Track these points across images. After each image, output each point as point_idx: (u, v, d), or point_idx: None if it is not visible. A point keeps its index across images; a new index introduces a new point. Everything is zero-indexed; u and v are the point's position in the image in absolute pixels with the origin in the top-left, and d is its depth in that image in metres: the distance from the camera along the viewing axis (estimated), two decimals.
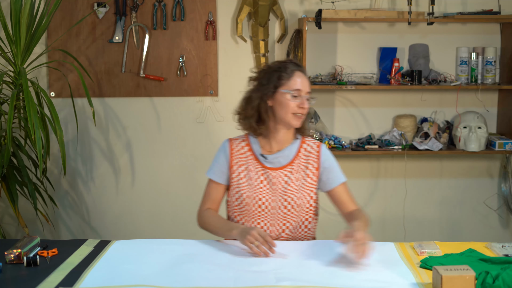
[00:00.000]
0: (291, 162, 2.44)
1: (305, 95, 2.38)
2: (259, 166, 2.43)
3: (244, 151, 2.46)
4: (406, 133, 3.84)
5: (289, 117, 2.38)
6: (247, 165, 2.44)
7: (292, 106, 2.37)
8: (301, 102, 2.37)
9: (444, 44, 3.89)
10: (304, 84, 2.39)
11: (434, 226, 4.06)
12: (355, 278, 2.00)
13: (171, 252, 2.25)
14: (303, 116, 2.40)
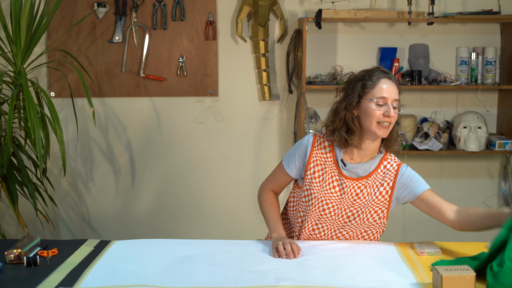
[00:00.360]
0: (368, 176, 2.36)
1: (392, 103, 2.28)
2: (336, 171, 2.36)
3: (326, 151, 2.39)
4: (406, 133, 3.84)
5: (374, 127, 2.29)
6: (324, 166, 2.37)
7: (376, 115, 2.28)
8: (386, 110, 2.27)
9: (444, 44, 3.89)
10: (390, 91, 2.29)
11: (434, 226, 4.04)
12: (355, 278, 2.00)
13: (171, 252, 2.25)
14: (390, 125, 2.30)
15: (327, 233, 2.40)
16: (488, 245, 2.08)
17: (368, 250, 2.27)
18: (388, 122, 2.29)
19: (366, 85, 2.32)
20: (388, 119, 2.28)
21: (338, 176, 2.36)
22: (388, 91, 2.29)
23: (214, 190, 3.96)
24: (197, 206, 3.97)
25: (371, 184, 2.36)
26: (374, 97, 2.29)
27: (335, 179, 2.36)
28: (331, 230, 2.39)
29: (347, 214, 2.36)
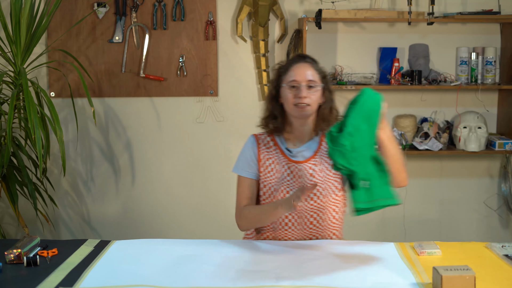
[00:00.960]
0: (314, 155, 2.43)
1: (305, 84, 2.36)
2: (285, 159, 2.43)
3: (270, 145, 2.46)
4: (406, 133, 3.84)
5: (291, 109, 2.38)
6: (273, 158, 2.44)
7: (290, 98, 2.37)
8: (297, 91, 2.35)
9: (444, 44, 3.89)
10: (302, 74, 2.37)
11: (434, 226, 4.06)
12: (355, 278, 2.00)
13: (171, 252, 2.25)
14: (307, 106, 2.36)
15: (300, 222, 2.42)
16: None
17: (368, 250, 2.27)
18: (302, 103, 2.35)
19: (281, 73, 2.42)
20: (300, 99, 2.35)
21: (289, 164, 2.42)
22: (298, 73, 2.37)
23: (214, 190, 3.96)
24: (197, 206, 3.97)
25: (319, 161, 2.42)
26: (286, 82, 2.39)
27: (287, 167, 2.42)
28: (301, 217, 2.41)
29: (310, 196, 2.39)
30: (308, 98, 2.35)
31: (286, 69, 2.42)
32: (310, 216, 2.42)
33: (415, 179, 4.00)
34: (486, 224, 4.06)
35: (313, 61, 2.45)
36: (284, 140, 2.47)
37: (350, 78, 3.78)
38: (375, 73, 3.87)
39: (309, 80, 2.37)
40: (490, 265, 2.12)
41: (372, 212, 2.10)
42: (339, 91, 3.88)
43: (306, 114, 2.38)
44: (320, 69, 2.44)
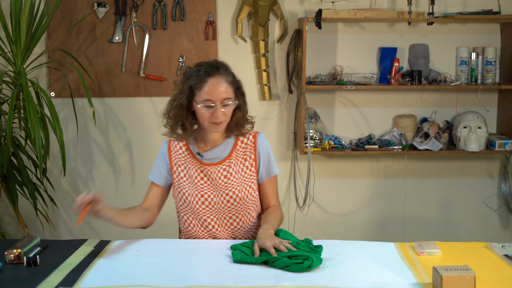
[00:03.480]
0: (229, 156, 2.43)
1: (220, 103, 2.30)
2: (197, 163, 2.42)
3: (182, 150, 2.45)
4: (406, 133, 3.84)
5: (206, 126, 2.35)
6: (186, 164, 2.43)
7: (206, 117, 2.32)
8: (213, 112, 2.31)
9: (444, 44, 3.89)
10: (216, 92, 2.29)
11: (434, 226, 4.06)
12: (355, 278, 2.00)
13: (171, 252, 2.25)
14: (222, 123, 2.34)
15: (220, 224, 2.43)
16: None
17: (368, 250, 2.27)
18: (218, 122, 2.32)
19: (193, 86, 2.33)
20: (217, 119, 2.31)
21: (202, 167, 2.42)
22: (212, 92, 2.29)
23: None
24: None
25: (235, 162, 2.43)
26: (200, 100, 2.31)
27: (200, 171, 2.42)
28: (220, 219, 2.43)
29: (226, 199, 2.40)
30: (223, 116, 2.32)
31: (199, 83, 2.31)
32: (229, 217, 2.44)
33: (415, 179, 4.01)
34: (486, 224, 4.06)
35: (226, 71, 2.36)
36: (195, 143, 2.45)
37: (350, 78, 3.78)
38: (375, 73, 3.87)
39: (224, 98, 2.31)
40: (490, 265, 2.12)
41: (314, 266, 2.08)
42: (339, 91, 3.89)
43: (220, 130, 2.37)
44: (232, 79, 2.36)
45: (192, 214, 2.44)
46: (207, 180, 2.41)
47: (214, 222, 2.43)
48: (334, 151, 3.77)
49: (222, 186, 2.41)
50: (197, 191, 2.41)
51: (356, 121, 3.94)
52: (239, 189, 2.41)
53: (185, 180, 2.43)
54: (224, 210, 2.42)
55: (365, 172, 4.00)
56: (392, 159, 3.97)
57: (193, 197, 2.41)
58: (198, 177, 2.42)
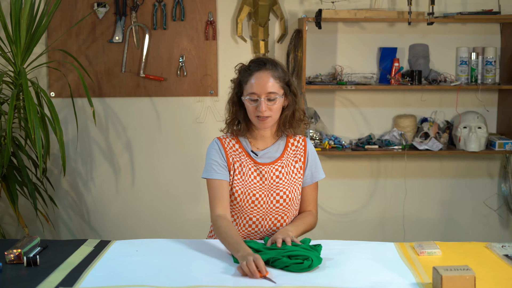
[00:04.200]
0: (281, 157, 2.44)
1: (264, 97, 2.31)
2: (251, 161, 2.42)
3: (236, 147, 2.44)
4: (406, 133, 3.84)
5: (254, 121, 2.37)
6: (241, 161, 2.42)
7: (251, 111, 2.34)
8: (258, 105, 2.32)
9: (444, 44, 3.89)
10: (261, 86, 2.32)
11: (434, 226, 4.06)
12: (355, 278, 2.00)
13: (171, 252, 2.25)
14: (268, 118, 2.34)
15: (264, 224, 2.43)
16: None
17: (368, 250, 2.27)
18: (264, 116, 2.33)
19: (241, 81, 2.39)
20: (262, 113, 2.32)
21: (255, 166, 2.42)
22: (257, 85, 2.32)
23: None
24: (197, 206, 3.97)
25: (286, 163, 2.44)
26: (246, 93, 2.35)
27: (253, 170, 2.41)
28: (266, 220, 2.42)
29: (276, 199, 2.40)
30: (268, 110, 2.33)
31: (246, 77, 2.36)
32: (274, 218, 2.43)
33: (415, 179, 4.01)
34: (486, 224, 4.06)
35: (274, 66, 2.37)
36: (248, 142, 2.45)
37: (350, 78, 3.78)
38: (375, 73, 3.87)
39: (268, 92, 2.32)
40: (490, 265, 2.12)
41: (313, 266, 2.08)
42: (339, 91, 3.89)
43: (267, 126, 2.37)
44: (280, 75, 2.37)
45: (239, 211, 2.42)
46: (260, 179, 2.41)
47: (258, 221, 2.42)
48: (334, 151, 3.77)
49: (273, 186, 2.41)
50: (250, 189, 2.40)
51: (356, 121, 3.94)
52: (289, 190, 2.42)
53: (240, 178, 2.41)
54: (272, 210, 2.41)
55: (365, 172, 4.00)
56: (392, 159, 3.97)
57: (244, 195, 2.40)
58: (252, 175, 2.41)
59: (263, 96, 2.32)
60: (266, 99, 2.32)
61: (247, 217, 2.42)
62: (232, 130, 2.45)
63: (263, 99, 2.32)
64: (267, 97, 2.32)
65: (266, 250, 2.16)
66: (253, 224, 2.42)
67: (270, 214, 2.42)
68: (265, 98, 2.32)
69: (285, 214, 2.44)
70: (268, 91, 2.32)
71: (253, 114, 2.35)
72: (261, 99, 2.32)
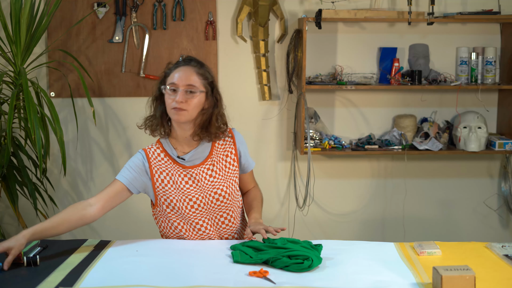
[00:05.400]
0: (210, 155, 2.43)
1: (183, 89, 2.32)
2: (180, 167, 2.41)
3: (161, 157, 2.42)
4: (406, 133, 3.84)
5: (170, 113, 2.35)
6: (168, 170, 2.40)
7: (169, 101, 2.34)
8: (176, 95, 2.32)
9: (444, 44, 3.89)
10: (182, 78, 2.33)
11: (434, 226, 4.06)
12: (355, 278, 2.00)
13: (171, 252, 2.25)
14: (183, 111, 2.32)
15: (213, 224, 2.43)
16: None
17: (368, 250, 2.27)
18: (179, 108, 2.32)
19: (166, 74, 2.41)
20: (178, 104, 2.32)
21: (185, 171, 2.40)
22: (179, 77, 2.34)
23: None
24: None
25: (217, 160, 2.44)
26: (167, 84, 2.36)
27: (183, 175, 2.40)
28: (211, 219, 2.43)
29: (215, 197, 2.40)
30: (185, 103, 2.32)
31: (171, 70, 2.39)
32: (220, 216, 2.44)
33: (415, 179, 4.01)
34: (486, 224, 4.06)
35: (199, 65, 2.39)
36: (173, 148, 2.43)
37: (350, 78, 3.78)
38: (375, 73, 3.87)
39: (188, 84, 2.33)
40: (490, 265, 2.12)
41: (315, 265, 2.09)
42: (339, 91, 3.89)
43: (182, 119, 2.34)
44: (205, 74, 2.38)
45: (183, 219, 2.42)
46: (192, 183, 2.40)
47: (206, 223, 2.42)
48: (334, 151, 3.77)
49: (208, 185, 2.40)
50: (184, 195, 2.39)
51: (356, 121, 3.94)
52: (226, 185, 2.42)
53: (170, 187, 2.39)
54: (214, 209, 2.42)
55: (365, 172, 4.00)
56: (392, 159, 3.97)
57: (181, 203, 2.39)
58: (183, 181, 2.40)
59: (182, 87, 2.33)
60: (185, 90, 2.33)
61: (193, 222, 2.41)
62: (149, 127, 2.43)
63: (181, 89, 2.32)
64: (186, 88, 2.33)
65: (266, 250, 2.16)
66: (201, 227, 2.42)
67: (214, 213, 2.42)
68: (184, 90, 2.33)
69: (229, 209, 2.44)
70: (188, 83, 2.34)
71: (170, 106, 2.34)
72: (179, 90, 2.33)
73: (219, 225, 2.45)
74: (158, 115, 2.41)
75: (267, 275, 2.00)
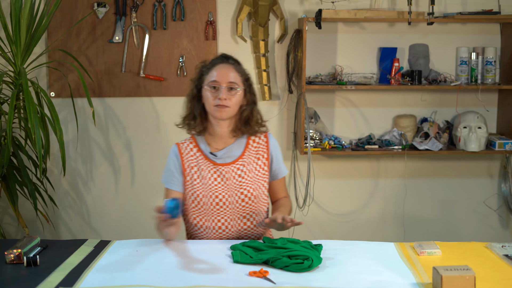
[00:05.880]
0: (242, 155, 2.44)
1: (226, 86, 2.36)
2: (210, 164, 2.43)
3: (194, 152, 2.46)
4: (406, 133, 3.84)
5: (212, 110, 2.38)
6: (199, 165, 2.43)
7: (210, 99, 2.37)
8: (218, 93, 2.35)
9: (444, 44, 3.89)
10: (223, 75, 2.37)
11: (434, 226, 4.06)
12: (355, 278, 2.00)
13: (171, 252, 2.25)
14: (226, 107, 2.36)
15: (234, 224, 2.43)
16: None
17: (368, 250, 2.27)
18: (222, 105, 2.35)
19: (202, 73, 2.43)
20: (221, 101, 2.35)
21: (215, 168, 2.42)
22: (220, 75, 2.37)
23: None
24: None
25: (248, 161, 2.44)
26: (207, 82, 2.38)
27: (213, 172, 2.41)
28: (234, 219, 2.42)
29: (240, 198, 2.40)
30: (228, 100, 2.36)
31: (208, 69, 2.42)
32: (243, 217, 2.43)
33: (415, 179, 4.01)
34: (486, 224, 4.06)
35: (236, 63, 2.45)
36: (207, 144, 2.46)
37: (350, 78, 3.78)
38: (375, 73, 3.87)
39: (229, 82, 2.37)
40: (490, 265, 2.13)
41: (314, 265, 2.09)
42: (339, 91, 3.89)
43: (225, 116, 2.38)
44: (242, 71, 2.44)
45: (205, 215, 2.42)
46: (220, 180, 2.41)
47: (227, 223, 2.42)
48: (334, 151, 3.77)
49: (236, 185, 2.41)
50: (211, 192, 2.40)
51: (356, 121, 3.94)
52: (253, 187, 2.42)
53: (198, 182, 2.41)
54: (238, 209, 2.42)
55: (365, 172, 4.00)
56: (392, 159, 3.97)
57: (207, 198, 2.40)
58: (212, 178, 2.41)
59: (224, 84, 2.36)
60: (227, 88, 2.36)
61: (215, 219, 2.42)
62: (187, 125, 2.48)
63: (224, 86, 2.35)
64: (228, 86, 2.36)
65: (266, 250, 2.16)
66: (222, 225, 2.42)
67: (238, 214, 2.42)
68: (226, 87, 2.36)
69: (253, 212, 2.43)
70: (229, 80, 2.37)
71: (212, 103, 2.36)
72: (222, 87, 2.35)
73: (240, 225, 2.44)
74: (197, 113, 2.45)
75: (267, 275, 2.00)
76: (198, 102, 2.45)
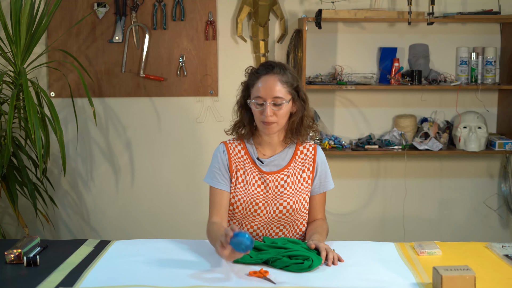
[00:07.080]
0: (288, 165, 2.38)
1: (269, 101, 2.26)
2: (256, 169, 2.37)
3: (241, 154, 2.39)
4: (406, 133, 3.84)
5: (259, 126, 2.32)
6: (245, 169, 2.37)
7: (257, 115, 2.30)
8: (263, 109, 2.26)
9: (444, 44, 3.89)
10: (268, 90, 2.26)
11: (434, 226, 4.06)
12: (355, 278, 2.00)
13: (171, 252, 2.25)
14: (273, 124, 2.28)
15: (265, 233, 2.39)
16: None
17: (368, 250, 2.27)
18: (268, 122, 2.27)
19: (248, 85, 2.34)
20: (267, 118, 2.27)
21: (260, 174, 2.36)
22: (264, 89, 2.27)
23: None
24: (197, 206, 3.97)
25: (292, 173, 2.38)
26: (253, 97, 2.30)
27: (257, 178, 2.36)
28: (266, 228, 2.38)
29: (278, 209, 2.35)
30: (273, 116, 2.27)
31: (253, 80, 2.31)
32: (276, 228, 2.39)
33: (415, 179, 4.01)
34: (486, 224, 4.06)
35: (282, 71, 2.30)
36: (255, 148, 2.40)
37: (350, 78, 3.78)
38: (375, 73, 3.87)
39: (275, 97, 2.26)
40: (490, 265, 2.13)
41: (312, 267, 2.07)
42: (339, 91, 3.89)
43: (272, 131, 2.31)
44: (289, 80, 2.30)
45: (239, 219, 2.38)
46: (263, 188, 2.35)
47: (259, 230, 2.38)
48: (334, 151, 3.77)
49: (277, 195, 2.35)
50: (252, 198, 2.34)
51: (356, 121, 3.94)
52: (294, 200, 2.36)
53: (242, 186, 2.35)
54: (274, 220, 2.37)
55: (365, 172, 4.00)
56: (392, 159, 3.97)
57: (247, 204, 2.34)
58: (256, 184, 2.35)
59: (269, 101, 2.26)
60: (272, 103, 2.26)
61: (248, 225, 2.39)
62: (237, 133, 2.42)
63: (268, 103, 2.26)
64: (273, 101, 2.26)
65: (266, 250, 2.16)
66: (253, 232, 2.39)
67: (272, 224, 2.38)
68: (271, 103, 2.26)
69: (288, 224, 2.39)
70: (274, 95, 2.26)
71: (259, 119, 2.29)
72: (266, 103, 2.26)
73: (272, 236, 2.39)
74: (246, 122, 2.37)
75: (267, 275, 2.00)
76: (246, 112, 2.37)
